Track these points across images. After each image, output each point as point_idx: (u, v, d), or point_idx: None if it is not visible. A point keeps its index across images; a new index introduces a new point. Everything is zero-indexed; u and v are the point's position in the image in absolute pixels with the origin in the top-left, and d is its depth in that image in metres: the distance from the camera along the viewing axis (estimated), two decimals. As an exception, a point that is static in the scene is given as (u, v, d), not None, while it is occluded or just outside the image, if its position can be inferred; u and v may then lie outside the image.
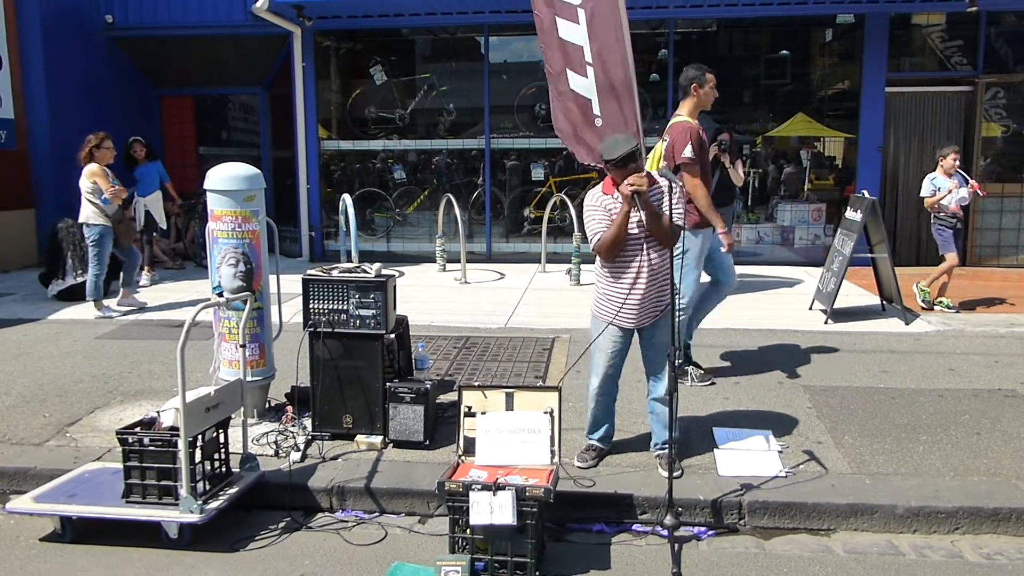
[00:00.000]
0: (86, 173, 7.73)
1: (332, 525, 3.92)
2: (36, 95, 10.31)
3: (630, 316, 4.07)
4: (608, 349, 4.15)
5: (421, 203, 11.53)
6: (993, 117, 10.14)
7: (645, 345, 4.20)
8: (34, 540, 3.79)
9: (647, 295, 4.04)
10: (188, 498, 3.63)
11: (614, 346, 4.15)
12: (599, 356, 4.20)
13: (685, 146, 5.02)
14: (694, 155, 5.03)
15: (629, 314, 4.06)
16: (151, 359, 6.18)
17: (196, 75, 11.88)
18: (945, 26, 10.18)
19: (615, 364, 4.20)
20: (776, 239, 10.73)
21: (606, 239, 3.95)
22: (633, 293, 4.02)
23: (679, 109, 5.36)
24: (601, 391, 4.24)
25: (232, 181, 4.61)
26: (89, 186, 7.68)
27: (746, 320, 7.18)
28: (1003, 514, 3.76)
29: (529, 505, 3.32)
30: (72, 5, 10.71)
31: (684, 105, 5.33)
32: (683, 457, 4.26)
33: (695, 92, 5.27)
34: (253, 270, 4.66)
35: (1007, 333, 6.73)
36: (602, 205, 4.02)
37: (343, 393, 4.54)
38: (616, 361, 4.19)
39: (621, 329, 4.12)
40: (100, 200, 7.62)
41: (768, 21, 10.62)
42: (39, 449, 4.55)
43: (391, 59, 11.31)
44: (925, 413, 4.92)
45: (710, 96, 5.32)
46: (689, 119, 5.22)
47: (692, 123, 5.19)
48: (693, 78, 5.28)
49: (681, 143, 5.05)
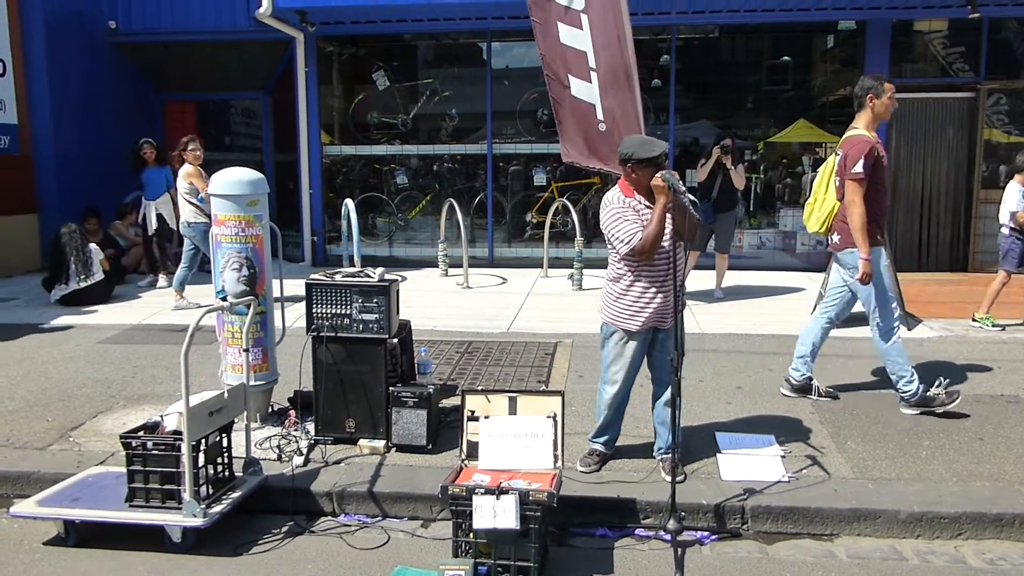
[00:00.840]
0: (182, 174, 8.01)
1: (335, 529, 3.92)
2: (39, 100, 10.34)
3: (657, 318, 4.05)
4: (630, 357, 4.11)
5: (423, 208, 11.55)
6: (995, 123, 10.15)
7: (659, 348, 4.16)
8: (38, 544, 3.80)
9: (670, 296, 4.02)
10: (191, 502, 3.64)
11: (637, 354, 4.11)
12: (619, 365, 4.14)
13: (858, 161, 4.73)
14: (864, 172, 4.73)
15: (657, 316, 4.04)
16: (154, 363, 6.19)
17: (199, 80, 11.91)
18: (947, 32, 10.20)
19: (634, 373, 4.18)
20: (778, 244, 10.74)
21: (649, 235, 3.86)
22: (660, 295, 4.01)
23: (855, 122, 4.97)
24: (618, 398, 4.21)
25: (235, 186, 4.62)
26: (186, 187, 7.95)
27: (748, 325, 7.18)
28: (1006, 519, 3.76)
29: (532, 509, 3.32)
30: (75, 10, 10.75)
31: (860, 118, 4.94)
32: (686, 462, 4.26)
33: (871, 103, 4.88)
34: (256, 274, 4.67)
35: (1009, 339, 6.73)
36: (630, 207, 3.98)
37: (346, 397, 4.54)
38: (636, 369, 4.17)
39: (643, 334, 4.09)
40: (197, 200, 7.81)
41: (770, 27, 10.65)
42: (42, 453, 4.56)
43: (394, 64, 11.34)
44: (927, 418, 4.92)
45: (888, 107, 4.89)
46: (866, 132, 4.86)
47: (869, 137, 4.84)
48: (869, 88, 4.88)
49: (854, 157, 4.76)
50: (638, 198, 3.98)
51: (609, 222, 4.00)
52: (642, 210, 3.97)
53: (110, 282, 8.66)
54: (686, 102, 10.89)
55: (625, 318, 4.08)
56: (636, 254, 3.93)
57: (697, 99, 11.06)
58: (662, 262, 4.01)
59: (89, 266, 8.31)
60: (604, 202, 4.08)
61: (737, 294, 8.68)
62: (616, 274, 4.11)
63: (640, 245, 3.89)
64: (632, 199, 3.99)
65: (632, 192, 4.00)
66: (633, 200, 3.99)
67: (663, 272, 4.01)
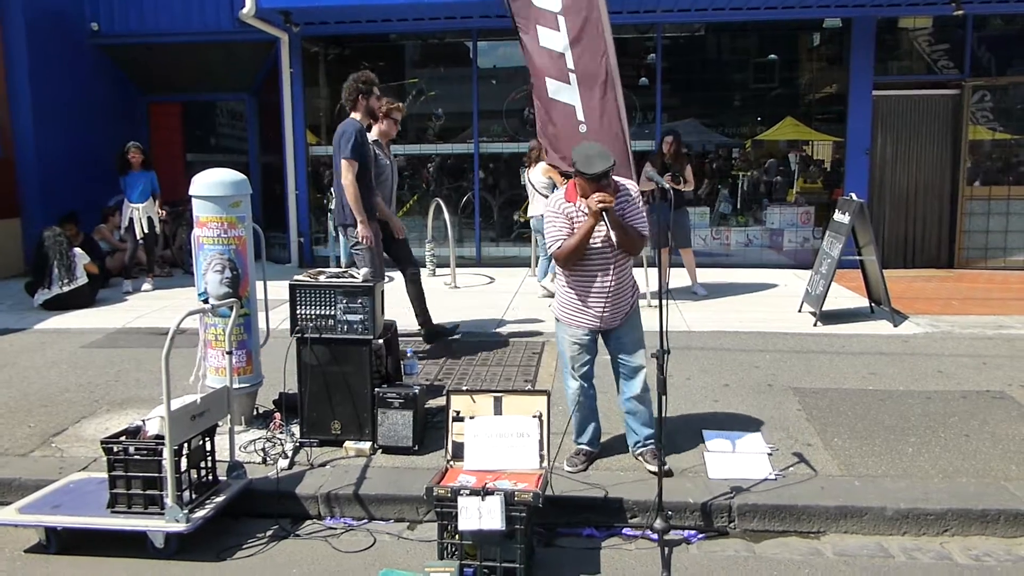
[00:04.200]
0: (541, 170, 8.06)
1: (320, 532, 3.89)
2: (21, 103, 10.22)
3: (597, 320, 4.11)
4: (577, 350, 4.18)
5: (410, 208, 11.51)
6: (980, 120, 10.20)
7: (615, 346, 4.22)
8: (19, 551, 3.75)
9: (614, 300, 4.08)
10: (174, 507, 3.60)
11: (582, 346, 4.18)
12: (570, 361, 4.21)
13: None
14: None
15: (596, 319, 4.10)
16: (137, 367, 6.14)
17: (184, 81, 11.83)
18: (932, 29, 10.24)
19: (588, 363, 4.23)
20: (765, 242, 10.76)
21: (567, 249, 3.96)
22: (599, 300, 4.06)
23: None
24: (581, 392, 4.24)
25: (217, 187, 4.59)
26: (544, 181, 8.01)
27: (735, 322, 7.19)
28: (991, 515, 3.77)
29: (518, 510, 3.31)
30: (57, 12, 10.64)
31: None
32: (672, 461, 4.24)
33: None
34: (239, 276, 4.64)
35: (995, 335, 6.76)
36: (563, 212, 4.01)
37: (331, 399, 4.51)
38: (588, 359, 4.22)
39: (588, 330, 4.15)
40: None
41: (755, 25, 10.66)
42: (24, 459, 4.51)
43: (379, 64, 11.25)
44: (914, 415, 4.93)
45: None
46: None
47: None
48: None
49: None
50: (579, 203, 3.99)
51: (546, 221, 4.11)
52: (574, 217, 4.00)
53: (94, 286, 8.57)
54: (672, 101, 10.89)
55: (567, 313, 4.18)
56: (556, 260, 4.06)
57: (683, 97, 11.06)
58: (597, 271, 4.03)
59: (72, 270, 8.23)
60: (550, 199, 4.15)
61: (724, 291, 8.69)
62: (562, 273, 4.20)
63: (556, 254, 4.01)
64: (569, 204, 4.02)
65: (575, 196, 4.01)
66: (570, 206, 4.02)
67: (599, 280, 4.04)
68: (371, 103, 5.88)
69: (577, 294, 4.10)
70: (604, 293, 4.05)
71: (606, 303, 4.07)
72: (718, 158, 11.27)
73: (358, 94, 5.84)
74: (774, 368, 5.87)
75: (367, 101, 5.86)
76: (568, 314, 4.17)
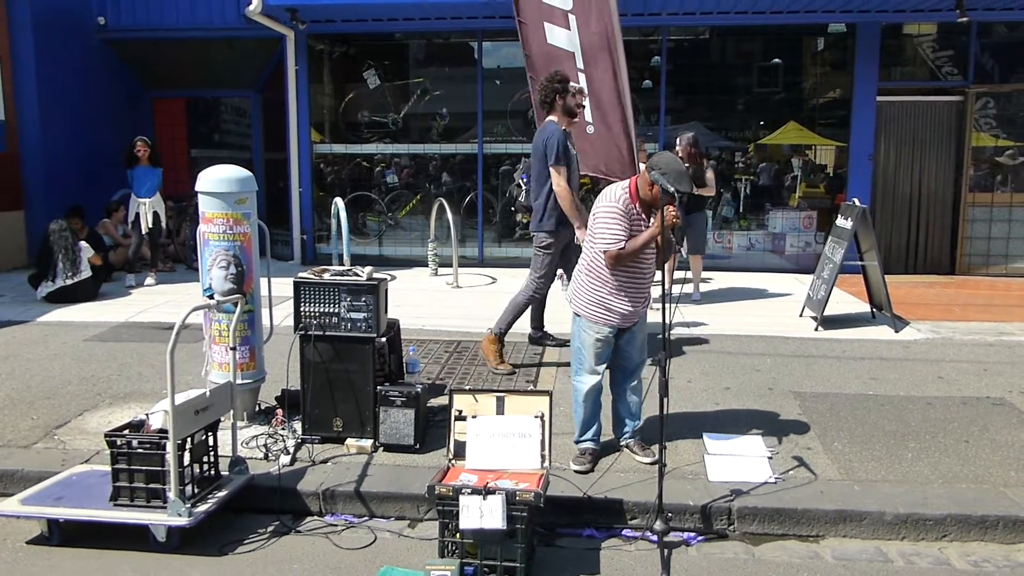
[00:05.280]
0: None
1: (321, 529, 3.90)
2: (27, 97, 10.25)
3: (624, 319, 4.20)
4: (601, 347, 4.23)
5: (413, 207, 11.53)
6: (983, 127, 10.21)
7: (627, 341, 4.31)
8: (21, 543, 3.77)
9: (642, 300, 4.23)
10: (176, 501, 3.61)
11: (608, 346, 4.25)
12: (592, 358, 4.24)
13: None
14: None
15: (624, 317, 4.19)
16: (140, 361, 6.15)
17: (189, 77, 11.85)
18: (936, 36, 10.25)
19: (608, 359, 4.31)
20: (767, 246, 10.77)
21: (630, 249, 4.01)
22: (632, 300, 4.16)
23: None
24: (594, 391, 4.29)
25: (223, 183, 4.60)
26: None
27: (737, 326, 7.20)
28: (990, 521, 3.78)
29: (519, 509, 3.32)
30: (64, 6, 10.67)
31: None
32: (672, 463, 4.26)
33: None
34: (244, 272, 4.65)
35: (996, 341, 6.77)
36: (628, 213, 4.03)
37: (333, 396, 4.53)
38: (608, 355, 4.29)
39: (614, 327, 4.21)
40: None
41: (760, 29, 10.67)
42: (27, 451, 4.52)
43: (384, 63, 11.31)
44: (914, 420, 4.94)
45: None
46: None
47: None
48: None
49: None
50: (638, 207, 4.05)
51: (603, 216, 4.06)
52: (635, 220, 4.05)
53: (97, 280, 8.59)
54: (677, 103, 10.90)
55: (597, 311, 4.19)
56: (607, 258, 4.05)
57: (688, 100, 11.07)
58: (639, 272, 4.15)
59: (77, 263, 8.24)
60: (607, 194, 4.12)
61: (726, 295, 8.70)
62: (593, 269, 4.18)
63: (616, 253, 4.01)
64: (634, 206, 4.05)
65: (636, 199, 4.04)
66: (634, 208, 4.05)
67: (638, 280, 4.16)
68: (567, 101, 5.59)
69: (611, 293, 4.14)
70: (638, 293, 4.17)
71: (635, 302, 4.18)
72: (721, 161, 11.27)
73: (555, 94, 5.56)
74: (775, 372, 5.88)
75: (564, 100, 5.58)
76: (596, 312, 4.19)
